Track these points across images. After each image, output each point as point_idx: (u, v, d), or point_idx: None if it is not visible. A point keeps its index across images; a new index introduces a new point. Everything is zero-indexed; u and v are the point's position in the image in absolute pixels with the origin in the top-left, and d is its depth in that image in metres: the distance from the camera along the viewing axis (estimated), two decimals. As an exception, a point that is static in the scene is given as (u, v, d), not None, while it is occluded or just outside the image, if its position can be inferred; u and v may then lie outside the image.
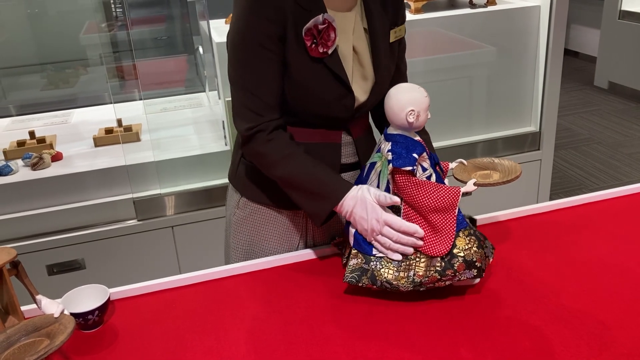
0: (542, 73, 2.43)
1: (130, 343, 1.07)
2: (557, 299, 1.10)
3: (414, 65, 2.32)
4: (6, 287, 0.86)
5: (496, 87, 2.47)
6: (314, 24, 1.15)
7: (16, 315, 0.87)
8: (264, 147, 1.19)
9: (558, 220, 1.38)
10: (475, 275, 1.07)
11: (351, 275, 1.11)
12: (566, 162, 3.75)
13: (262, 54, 1.16)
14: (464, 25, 2.35)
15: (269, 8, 1.13)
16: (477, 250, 1.08)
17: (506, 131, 2.53)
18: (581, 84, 5.21)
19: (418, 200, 1.08)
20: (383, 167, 1.12)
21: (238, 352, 1.03)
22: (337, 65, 1.19)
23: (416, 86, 1.13)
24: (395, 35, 1.28)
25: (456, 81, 2.42)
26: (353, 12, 1.22)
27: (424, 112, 1.11)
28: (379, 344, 1.01)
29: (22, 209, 2.00)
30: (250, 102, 1.18)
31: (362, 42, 1.23)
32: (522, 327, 1.03)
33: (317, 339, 1.04)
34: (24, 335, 0.79)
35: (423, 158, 1.11)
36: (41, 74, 2.91)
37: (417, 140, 1.12)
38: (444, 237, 1.07)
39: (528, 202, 2.46)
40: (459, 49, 2.39)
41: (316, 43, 1.16)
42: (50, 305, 0.85)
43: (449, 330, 1.03)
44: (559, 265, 1.20)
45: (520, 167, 1.20)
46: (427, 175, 1.11)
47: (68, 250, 2.02)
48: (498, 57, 2.42)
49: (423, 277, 1.07)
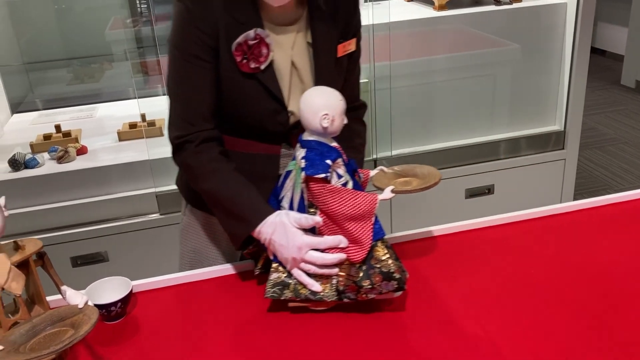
0: (567, 71, 2.40)
1: (152, 335, 1.08)
2: (580, 301, 1.09)
3: (437, 62, 2.31)
4: (32, 277, 0.87)
5: (520, 86, 2.44)
6: (245, 39, 1.12)
7: (42, 305, 0.88)
8: (192, 159, 1.16)
9: (582, 220, 1.36)
10: (396, 287, 1.04)
11: (272, 290, 1.07)
12: (591, 162, 3.69)
13: (195, 64, 1.13)
14: (488, 22, 2.32)
15: (200, 20, 1.11)
16: (394, 262, 1.05)
17: (529, 130, 2.50)
18: (607, 83, 5.11)
19: (333, 208, 1.04)
20: (297, 175, 1.08)
21: (260, 343, 1.03)
22: (270, 81, 1.15)
23: (330, 89, 1.08)
24: (344, 49, 1.22)
25: (479, 79, 2.39)
26: (295, 26, 1.18)
27: (339, 117, 1.06)
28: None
29: (48, 201, 2.03)
30: (182, 111, 1.17)
31: (303, 57, 1.19)
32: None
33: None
34: (49, 325, 0.80)
35: (338, 164, 1.06)
36: (67, 69, 2.95)
37: (333, 146, 1.08)
38: (361, 244, 1.04)
39: (551, 202, 2.43)
40: (483, 46, 2.37)
41: (247, 58, 1.13)
42: (75, 296, 0.86)
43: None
44: (584, 265, 1.19)
45: (439, 173, 1.17)
46: (342, 183, 1.06)
47: (92, 243, 2.05)
48: (522, 54, 2.39)
49: (345, 285, 1.05)
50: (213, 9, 1.11)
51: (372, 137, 2.29)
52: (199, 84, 1.15)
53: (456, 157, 2.38)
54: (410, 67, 2.28)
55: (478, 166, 2.41)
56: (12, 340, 0.78)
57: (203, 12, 1.11)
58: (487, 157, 2.42)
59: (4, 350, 0.76)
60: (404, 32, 2.24)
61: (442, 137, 2.41)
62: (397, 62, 2.23)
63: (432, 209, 2.39)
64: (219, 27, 1.11)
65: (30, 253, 0.86)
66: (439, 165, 2.34)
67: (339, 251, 1.05)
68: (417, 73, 2.30)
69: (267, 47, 1.13)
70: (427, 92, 2.34)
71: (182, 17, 1.12)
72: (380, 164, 2.28)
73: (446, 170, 2.36)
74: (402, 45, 2.24)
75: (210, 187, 1.16)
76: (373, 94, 2.24)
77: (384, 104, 2.27)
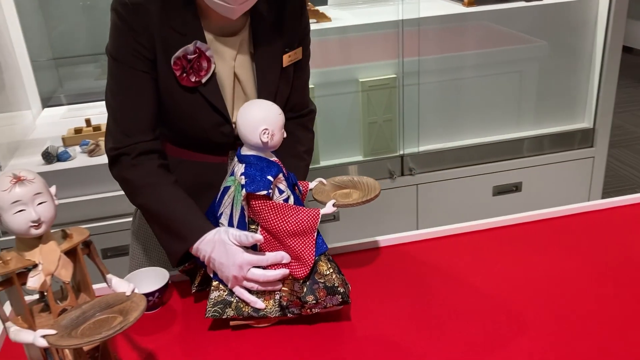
0: (597, 69, 2.37)
1: (188, 324, 1.10)
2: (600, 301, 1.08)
3: (465, 58, 2.30)
4: (79, 265, 0.89)
5: (548, 83, 2.42)
6: (184, 53, 1.08)
7: (88, 292, 0.90)
8: (128, 172, 1.13)
9: (611, 219, 1.35)
10: (340, 301, 1.03)
11: (213, 309, 1.05)
12: (618, 161, 3.65)
13: (132, 75, 1.10)
14: (516, 18, 2.31)
15: (135, 31, 1.07)
16: (337, 275, 1.04)
17: (557, 127, 2.47)
18: (635, 81, 5.05)
19: (275, 225, 1.01)
20: (236, 192, 1.04)
21: (297, 335, 1.04)
22: (212, 95, 1.12)
23: (269, 103, 1.05)
24: (290, 59, 1.18)
25: (507, 76, 2.38)
26: (237, 38, 1.14)
27: (279, 131, 1.03)
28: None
29: (79, 193, 2.06)
30: (118, 122, 1.13)
31: (245, 69, 1.16)
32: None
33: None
34: (98, 312, 0.82)
35: (279, 180, 1.04)
36: (95, 64, 2.99)
37: (273, 160, 1.05)
38: (303, 260, 1.02)
39: (579, 200, 2.41)
40: (510, 43, 2.35)
41: (187, 72, 1.09)
42: (121, 284, 0.88)
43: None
44: (613, 264, 1.18)
45: (379, 185, 1.15)
46: (284, 198, 1.04)
47: (122, 235, 2.08)
48: (551, 51, 2.37)
49: (288, 301, 1.04)
50: (150, 19, 1.07)
51: (399, 133, 2.29)
52: (135, 95, 1.11)
53: (483, 154, 2.37)
54: (438, 63, 2.28)
55: (505, 163, 2.39)
56: (63, 326, 0.80)
57: (138, 22, 1.07)
58: (515, 154, 2.40)
59: (57, 334, 0.78)
60: (432, 27, 2.23)
61: (469, 133, 2.40)
62: (425, 58, 2.23)
63: (458, 206, 2.39)
64: (155, 39, 1.08)
65: (77, 241, 0.88)
66: (466, 162, 2.34)
67: (282, 267, 1.03)
68: (444, 69, 2.29)
69: (208, 60, 1.10)
70: (454, 88, 2.33)
71: (117, 27, 1.08)
72: (407, 161, 2.28)
73: (473, 167, 2.36)
74: (430, 41, 2.23)
75: (146, 202, 1.12)
76: (401, 89, 2.24)
77: (411, 100, 2.27)
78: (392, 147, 2.29)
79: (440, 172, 2.32)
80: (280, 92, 1.20)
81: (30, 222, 0.80)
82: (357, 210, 2.26)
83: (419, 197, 2.32)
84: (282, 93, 1.21)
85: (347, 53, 2.21)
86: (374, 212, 2.29)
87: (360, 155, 2.30)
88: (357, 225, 2.28)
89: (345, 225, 2.28)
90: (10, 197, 0.79)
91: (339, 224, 2.26)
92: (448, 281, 1.16)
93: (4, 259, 0.82)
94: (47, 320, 0.85)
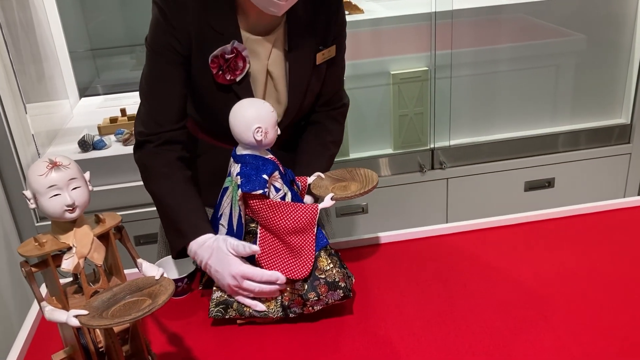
0: (637, 63, 2.31)
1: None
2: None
3: (498, 52, 2.27)
4: (111, 249, 0.92)
5: (584, 77, 2.36)
6: (222, 52, 1.10)
7: (119, 276, 0.93)
8: (148, 159, 1.17)
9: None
10: (342, 296, 1.03)
11: (216, 309, 1.06)
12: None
13: (166, 67, 1.13)
14: (553, 11, 2.26)
15: (175, 27, 1.10)
16: (339, 270, 1.03)
17: (593, 123, 2.42)
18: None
19: (274, 223, 1.02)
20: (233, 192, 1.04)
21: (307, 328, 1.06)
22: (245, 92, 1.14)
23: (261, 101, 1.06)
24: (323, 57, 1.19)
25: (542, 69, 2.33)
26: (272, 36, 1.15)
27: (272, 129, 1.03)
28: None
29: (114, 181, 2.11)
30: (150, 109, 1.16)
31: (279, 66, 1.17)
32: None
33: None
34: (128, 294, 0.84)
35: (274, 177, 1.04)
36: (131, 55, 3.05)
37: (269, 158, 1.05)
38: (304, 259, 1.02)
39: (614, 197, 2.36)
40: (547, 36, 2.31)
41: (223, 71, 1.11)
42: (151, 269, 0.90)
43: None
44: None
45: (376, 175, 1.14)
46: (281, 196, 1.04)
47: (155, 223, 2.12)
48: (588, 45, 2.31)
49: (290, 300, 1.03)
50: (189, 15, 1.10)
51: (430, 126, 2.27)
52: (167, 87, 1.14)
53: (516, 149, 2.33)
54: (472, 56, 2.25)
55: (538, 158, 2.36)
56: (95, 307, 0.82)
57: (177, 18, 1.09)
58: (549, 149, 2.36)
59: (89, 315, 0.80)
60: (466, 20, 2.20)
61: (501, 128, 2.36)
62: (458, 51, 2.21)
63: (490, 201, 2.36)
64: (192, 37, 1.10)
65: (110, 226, 0.90)
66: (498, 157, 2.31)
67: (284, 273, 1.03)
68: (478, 62, 2.27)
69: (244, 60, 1.12)
70: (487, 81, 2.30)
71: (158, 21, 1.11)
72: (438, 154, 2.26)
73: (505, 162, 2.32)
74: (464, 34, 2.20)
75: (158, 190, 1.16)
76: (433, 82, 2.22)
77: (443, 93, 2.25)
78: (423, 141, 2.28)
79: (472, 166, 2.30)
80: (311, 89, 1.21)
81: (65, 206, 0.83)
82: (386, 203, 2.26)
83: (449, 192, 2.30)
84: (313, 89, 1.22)
85: (378, 45, 2.20)
86: (403, 206, 2.28)
87: (390, 148, 2.30)
88: (385, 218, 2.28)
89: (374, 217, 2.28)
90: (46, 182, 0.82)
91: (368, 216, 2.26)
92: (475, 275, 1.16)
93: (40, 242, 0.85)
94: (80, 302, 0.88)
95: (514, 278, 1.14)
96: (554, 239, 1.27)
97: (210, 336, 1.06)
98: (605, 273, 1.13)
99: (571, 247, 1.23)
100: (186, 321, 1.10)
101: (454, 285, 1.13)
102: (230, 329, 1.07)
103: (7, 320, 1.88)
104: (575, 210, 1.35)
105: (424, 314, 1.06)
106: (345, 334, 1.03)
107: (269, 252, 1.04)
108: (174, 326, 1.09)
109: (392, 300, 1.10)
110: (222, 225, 1.09)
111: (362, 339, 1.01)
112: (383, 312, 1.07)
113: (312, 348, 1.00)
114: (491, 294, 1.10)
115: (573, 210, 1.35)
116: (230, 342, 1.04)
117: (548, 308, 1.05)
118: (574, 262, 1.17)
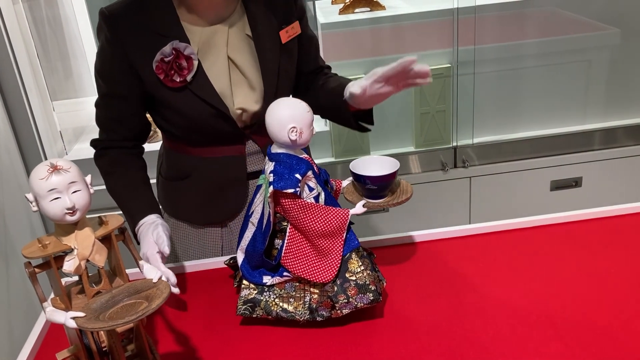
0: (673, 58, 2.22)
1: (223, 312, 1.12)
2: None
3: (528, 47, 2.21)
4: (114, 251, 0.93)
5: (618, 72, 2.28)
6: (161, 56, 1.09)
7: (122, 277, 0.94)
8: (97, 160, 1.24)
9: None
10: (371, 300, 1.00)
11: (244, 307, 1.06)
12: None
13: (114, 97, 1.17)
14: (585, 4, 2.19)
15: (110, 41, 1.11)
16: (370, 272, 1.01)
17: (626, 120, 2.34)
18: None
19: (304, 224, 1.01)
20: (265, 190, 1.03)
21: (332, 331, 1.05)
22: (202, 89, 1.12)
23: (297, 101, 1.03)
24: (288, 34, 1.17)
25: (572, 65, 2.26)
26: (226, 23, 1.13)
27: (307, 129, 1.02)
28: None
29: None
30: (102, 124, 1.23)
31: (241, 52, 1.15)
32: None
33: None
34: (126, 296, 0.86)
35: (308, 177, 1.02)
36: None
37: (303, 157, 1.03)
38: (329, 263, 1.00)
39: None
40: (577, 30, 2.24)
41: (168, 75, 1.10)
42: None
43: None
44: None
45: (412, 187, 1.12)
46: (314, 195, 1.02)
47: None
48: (623, 39, 2.23)
49: (318, 303, 1.02)
50: (126, 27, 1.10)
51: (452, 124, 2.23)
52: (116, 112, 1.19)
53: (542, 147, 2.27)
54: (496, 52, 2.20)
55: (565, 157, 2.29)
56: (93, 309, 0.84)
57: (113, 32, 1.11)
58: (575, 147, 2.29)
59: (85, 317, 0.82)
60: (490, 15, 2.15)
61: (527, 125, 2.31)
62: (481, 47, 2.16)
63: (514, 200, 2.31)
64: (132, 47, 1.11)
65: (112, 228, 0.92)
66: (522, 155, 2.25)
67: (307, 275, 1.02)
68: (502, 58, 2.21)
69: (187, 58, 1.10)
70: (513, 78, 2.24)
71: (98, 36, 1.14)
72: (460, 152, 2.22)
73: (531, 160, 2.27)
74: (488, 29, 2.15)
75: (109, 187, 1.23)
76: (455, 79, 2.18)
77: (466, 90, 2.20)
78: (445, 139, 2.24)
79: (495, 164, 2.25)
80: (284, 69, 1.19)
81: (65, 209, 0.84)
82: (408, 201, 2.23)
83: (472, 191, 2.26)
84: (287, 71, 1.20)
85: (400, 41, 2.17)
86: (425, 205, 2.25)
87: (412, 146, 2.27)
88: (407, 217, 2.25)
89: (394, 216, 2.25)
90: (46, 185, 0.84)
91: (388, 215, 2.24)
92: (499, 278, 1.13)
93: (43, 243, 0.87)
94: (83, 302, 0.90)
95: (538, 282, 1.10)
96: (580, 241, 1.22)
97: (216, 337, 1.07)
98: (636, 280, 1.09)
99: (598, 250, 1.19)
100: (193, 321, 1.12)
101: (474, 288, 1.10)
102: (235, 329, 1.08)
103: (33, 311, 1.94)
104: (603, 212, 1.30)
105: (440, 324, 1.04)
106: (375, 337, 1.02)
107: (295, 252, 1.03)
108: (181, 326, 1.11)
109: (418, 305, 1.09)
110: (251, 223, 1.09)
111: (383, 345, 1.00)
112: (409, 317, 1.06)
113: (321, 353, 1.00)
114: (511, 298, 1.07)
115: (601, 212, 1.30)
116: (235, 343, 1.05)
117: (565, 314, 1.01)
118: (600, 267, 1.13)
